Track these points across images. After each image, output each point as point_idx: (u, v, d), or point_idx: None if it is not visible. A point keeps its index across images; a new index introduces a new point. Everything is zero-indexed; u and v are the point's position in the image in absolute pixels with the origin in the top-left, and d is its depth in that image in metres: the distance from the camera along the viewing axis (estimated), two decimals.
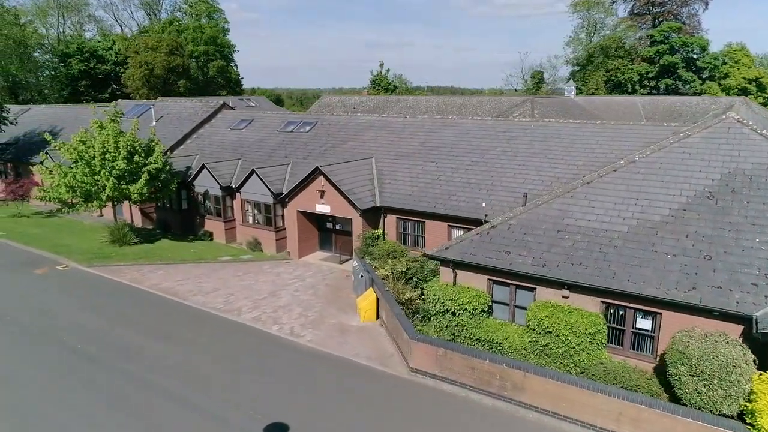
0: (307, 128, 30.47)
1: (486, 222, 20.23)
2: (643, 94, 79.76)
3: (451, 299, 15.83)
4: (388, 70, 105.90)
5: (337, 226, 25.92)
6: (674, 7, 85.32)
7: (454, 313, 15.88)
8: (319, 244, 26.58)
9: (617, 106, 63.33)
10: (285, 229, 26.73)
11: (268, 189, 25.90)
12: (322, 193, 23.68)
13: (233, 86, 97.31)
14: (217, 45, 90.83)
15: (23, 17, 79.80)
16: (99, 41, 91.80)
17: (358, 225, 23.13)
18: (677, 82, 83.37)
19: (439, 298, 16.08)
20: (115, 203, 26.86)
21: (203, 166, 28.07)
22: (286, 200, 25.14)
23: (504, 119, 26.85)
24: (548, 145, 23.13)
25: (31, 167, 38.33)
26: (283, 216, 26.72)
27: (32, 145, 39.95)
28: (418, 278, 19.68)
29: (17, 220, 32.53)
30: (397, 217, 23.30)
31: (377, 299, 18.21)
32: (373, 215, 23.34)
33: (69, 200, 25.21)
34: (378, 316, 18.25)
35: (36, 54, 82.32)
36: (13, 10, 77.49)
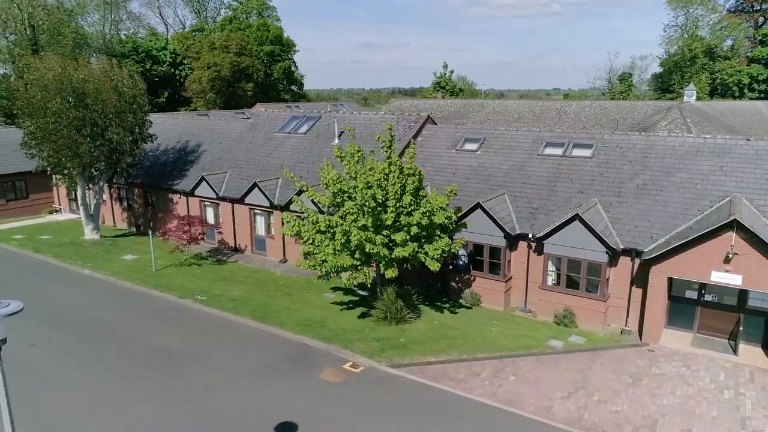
0: (587, 152, 22.98)
1: None
2: (751, 98, 73.08)
3: None
4: (452, 72, 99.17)
5: (708, 297, 18.46)
6: None
7: None
8: (667, 319, 19.11)
9: (742, 112, 56.26)
10: (609, 296, 19.36)
11: (603, 243, 18.48)
12: (729, 257, 16.23)
13: (297, 89, 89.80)
14: (282, 44, 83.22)
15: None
16: (151, 41, 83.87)
17: None
18: None
19: None
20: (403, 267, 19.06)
21: (478, 206, 20.59)
22: (652, 262, 17.65)
23: None
24: None
25: (172, 196, 30.66)
26: (608, 280, 19.33)
27: (163, 166, 32.30)
28: None
29: (188, 269, 24.90)
30: None
31: None
32: None
33: (349, 266, 17.43)
34: None
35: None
36: (66, 9, 69.21)
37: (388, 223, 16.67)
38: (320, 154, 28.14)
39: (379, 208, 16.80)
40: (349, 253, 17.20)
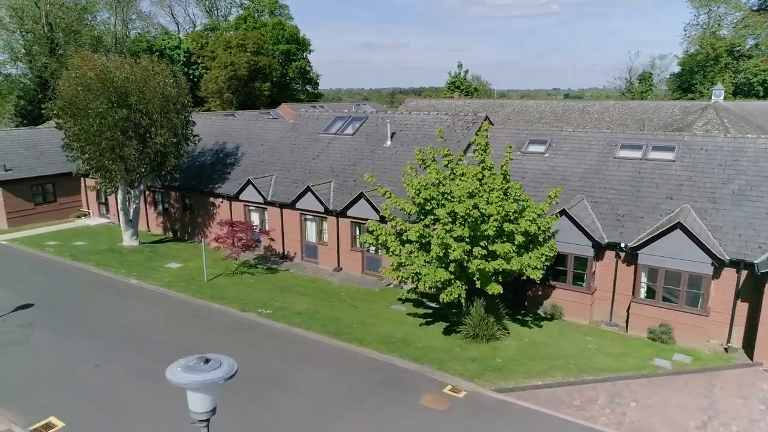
0: (669, 155, 21.55)
1: None
2: None
3: None
4: (467, 71, 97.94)
5: None
6: None
7: None
8: None
9: None
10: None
11: (709, 254, 17.14)
12: None
13: (311, 88, 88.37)
14: (298, 43, 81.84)
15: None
16: (164, 40, 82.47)
17: None
18: None
19: None
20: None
21: (564, 213, 19.21)
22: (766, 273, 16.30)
23: None
24: None
25: (213, 200, 29.24)
26: (711, 293, 17.96)
27: (201, 168, 30.90)
28: None
29: (241, 279, 23.49)
30: None
31: None
32: None
33: (446, 280, 15.93)
34: None
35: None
36: (82, 6, 67.42)
37: (490, 233, 15.29)
38: (372, 157, 26.80)
39: (480, 218, 15.40)
40: (443, 265, 15.82)
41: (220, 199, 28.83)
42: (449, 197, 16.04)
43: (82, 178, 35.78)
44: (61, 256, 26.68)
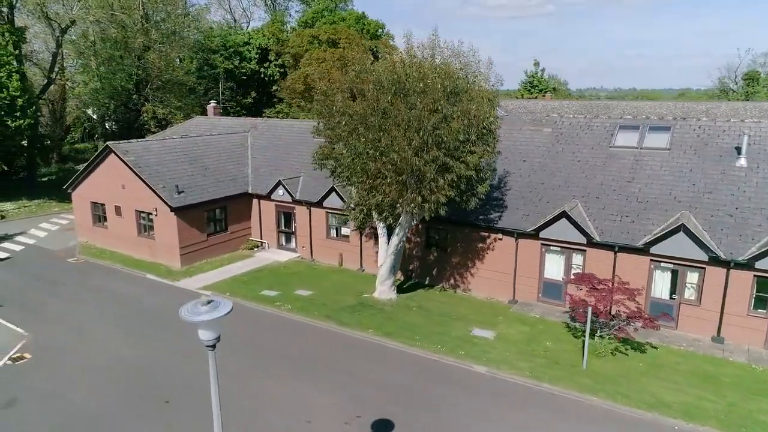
0: None
1: None
2: None
3: None
4: (543, 70, 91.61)
5: None
6: None
7: None
8: None
9: None
10: None
11: None
12: None
13: None
14: (380, 39, 74.81)
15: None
16: (231, 35, 75.41)
17: None
18: None
19: None
20: None
21: None
22: None
23: None
24: None
25: (484, 235, 21.99)
26: None
27: None
28: None
29: (624, 362, 16.29)
30: None
31: None
32: None
33: None
34: None
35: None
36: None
37: None
38: (728, 180, 19.86)
39: None
40: None
41: (499, 236, 21.63)
42: None
43: (255, 200, 28.58)
44: (309, 316, 19.44)
